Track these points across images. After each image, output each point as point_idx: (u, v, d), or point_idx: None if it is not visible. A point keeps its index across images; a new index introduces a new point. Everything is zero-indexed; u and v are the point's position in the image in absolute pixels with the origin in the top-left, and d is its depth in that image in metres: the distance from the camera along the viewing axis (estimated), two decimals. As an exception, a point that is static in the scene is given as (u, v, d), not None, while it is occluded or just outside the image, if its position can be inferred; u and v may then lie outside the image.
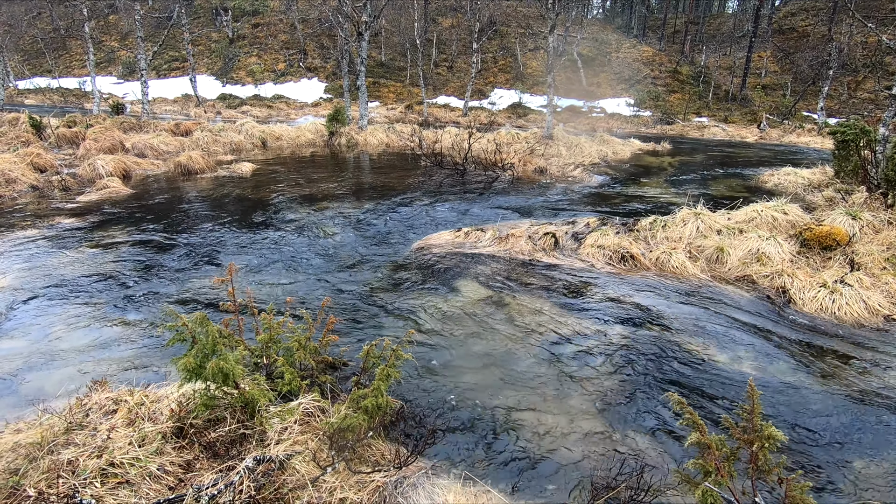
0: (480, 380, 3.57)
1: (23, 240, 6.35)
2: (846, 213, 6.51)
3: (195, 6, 38.96)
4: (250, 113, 24.56)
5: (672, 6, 42.12)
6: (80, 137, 12.33)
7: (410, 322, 4.40)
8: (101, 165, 10.06)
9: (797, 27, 33.92)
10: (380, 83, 32.08)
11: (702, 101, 28.96)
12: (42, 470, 2.24)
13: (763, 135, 22.42)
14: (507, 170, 11.25)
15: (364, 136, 15.96)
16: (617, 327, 4.41)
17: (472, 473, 2.63)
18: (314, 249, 6.26)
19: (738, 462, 2.24)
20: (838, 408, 3.37)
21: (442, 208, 8.35)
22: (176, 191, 9.46)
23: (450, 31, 37.31)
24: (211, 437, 2.54)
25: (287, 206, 8.19)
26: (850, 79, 27.65)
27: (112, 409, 2.72)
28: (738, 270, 5.65)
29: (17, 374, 3.53)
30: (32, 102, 25.27)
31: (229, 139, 14.20)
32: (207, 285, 5.07)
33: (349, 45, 18.98)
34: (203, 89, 28.71)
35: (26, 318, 4.32)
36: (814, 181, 10.26)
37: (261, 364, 3.29)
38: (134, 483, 2.23)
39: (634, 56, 33.81)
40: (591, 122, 24.79)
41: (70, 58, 36.19)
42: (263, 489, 2.24)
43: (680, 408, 2.28)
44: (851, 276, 5.10)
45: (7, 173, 8.89)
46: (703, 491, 2.05)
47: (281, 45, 35.62)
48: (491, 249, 6.29)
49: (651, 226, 6.55)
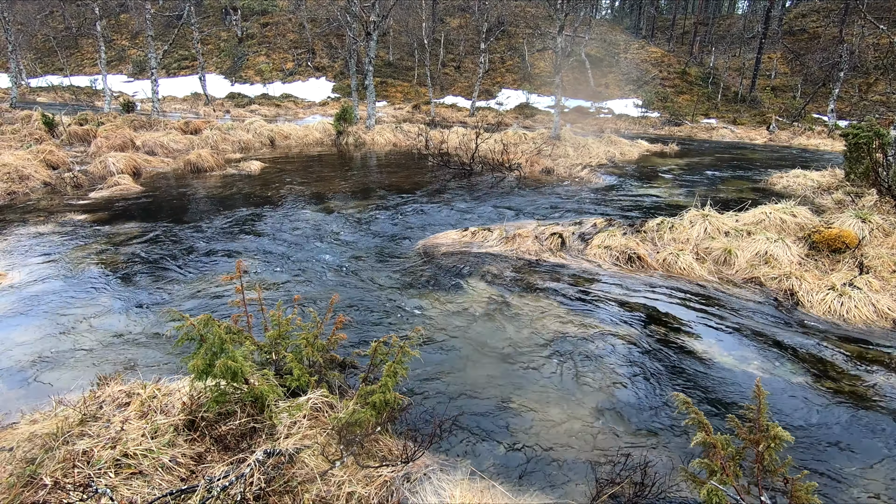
0: (486, 377, 3.59)
1: (36, 235, 6.45)
2: (856, 216, 6.46)
3: (205, 5, 39.28)
4: (259, 112, 24.70)
5: (681, 7, 41.91)
6: (91, 135, 12.48)
7: (417, 319, 4.43)
8: (111, 163, 10.18)
9: (808, 28, 33.64)
10: (387, 83, 32.17)
11: (710, 102, 28.80)
12: (58, 460, 2.29)
13: (772, 137, 22.26)
14: (514, 170, 11.26)
15: (371, 136, 16.02)
16: (623, 327, 4.41)
17: (478, 469, 2.65)
18: (322, 247, 6.30)
19: (744, 462, 2.25)
20: (845, 410, 3.36)
21: (449, 208, 8.38)
22: (185, 188, 9.55)
23: (458, 31, 37.35)
24: (222, 430, 2.59)
25: (295, 205, 8.25)
26: (862, 81, 27.39)
27: (125, 402, 2.77)
28: (746, 272, 5.63)
29: (31, 366, 3.60)
30: (44, 100, 25.54)
31: (238, 138, 14.31)
32: (216, 282, 5.13)
33: (357, 45, 19.06)
34: (212, 88, 28.94)
35: (40, 312, 4.40)
36: (823, 184, 10.18)
37: (270, 360, 3.34)
38: (147, 474, 2.27)
39: (643, 57, 33.68)
40: (599, 122, 24.72)
41: (81, 56, 36.60)
42: (273, 482, 2.28)
43: (685, 407, 2.29)
44: (860, 279, 5.07)
45: (21, 170, 9.02)
46: (708, 489, 2.06)
47: (289, 44, 35.81)
48: (498, 249, 6.31)
49: (658, 227, 6.54)
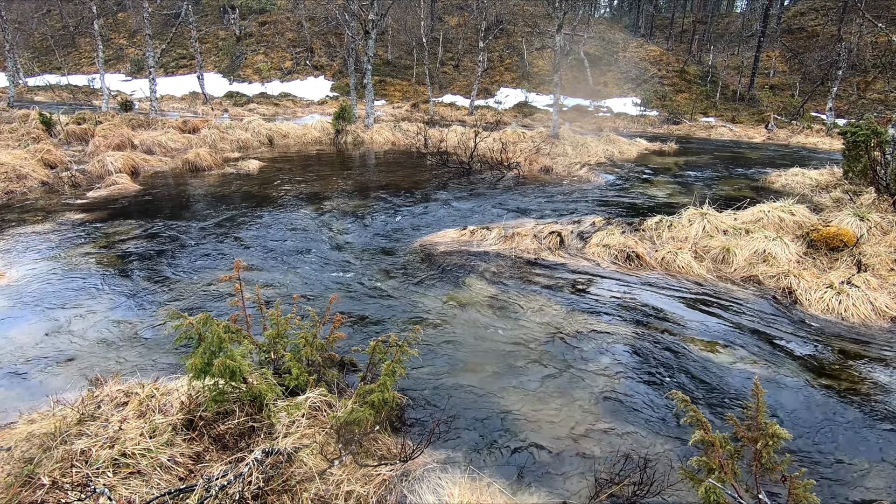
0: (485, 376, 3.59)
1: (34, 234, 6.43)
2: (854, 214, 6.47)
3: (203, 4, 39.18)
4: (257, 111, 24.64)
5: (680, 5, 41.87)
6: (89, 134, 12.45)
7: (416, 318, 4.43)
8: (109, 162, 10.15)
9: (806, 27, 33.64)
10: (386, 81, 32.12)
11: (709, 100, 28.79)
12: (56, 459, 2.28)
13: (771, 135, 22.27)
14: (512, 169, 11.26)
15: (370, 135, 16.00)
16: (621, 325, 4.42)
17: (476, 467, 2.66)
18: (320, 246, 6.30)
19: (743, 460, 2.26)
20: (844, 409, 3.37)
21: (447, 206, 8.37)
22: (183, 187, 9.54)
23: (456, 29, 37.29)
24: (220, 429, 2.58)
25: (293, 204, 8.24)
26: (860, 79, 27.40)
27: (123, 402, 2.76)
28: (745, 271, 5.64)
29: (29, 366, 3.59)
30: (42, 99, 25.45)
31: (236, 137, 14.28)
32: (215, 281, 5.12)
33: (356, 44, 19.02)
34: (210, 87, 28.87)
35: (36, 311, 4.39)
36: (822, 182, 10.19)
37: (269, 359, 3.33)
38: (145, 473, 2.27)
39: (641, 55, 33.65)
40: (598, 121, 24.71)
41: (79, 55, 36.46)
42: (272, 481, 2.28)
43: (684, 406, 2.30)
44: (858, 277, 5.08)
45: (18, 169, 8.99)
46: (706, 488, 2.06)
47: (288, 43, 35.72)
48: (496, 248, 6.31)
49: (657, 225, 6.55)
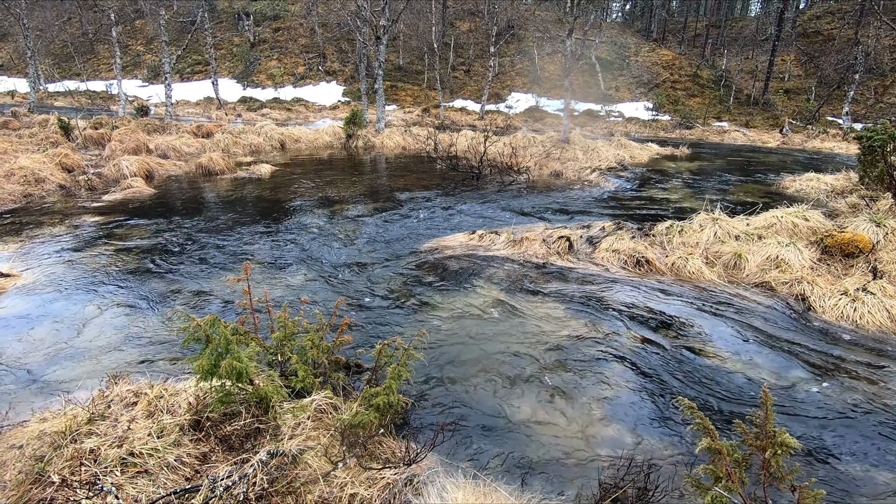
0: (490, 380, 3.58)
1: (51, 237, 6.57)
2: (870, 220, 6.35)
3: (218, 11, 39.81)
4: (270, 116, 24.96)
5: (693, 9, 41.63)
6: (106, 138, 12.70)
7: (423, 322, 4.43)
8: (125, 166, 10.34)
9: (822, 30, 33.20)
10: (397, 86, 32.33)
11: (722, 105, 28.52)
12: (65, 458, 2.32)
13: (785, 140, 21.98)
14: (522, 173, 11.24)
15: (381, 139, 16.10)
16: (630, 331, 4.38)
17: (480, 472, 2.64)
18: (329, 250, 6.34)
19: (750, 468, 2.22)
20: (858, 418, 3.30)
21: (456, 211, 8.38)
22: (197, 191, 9.67)
23: (467, 34, 37.44)
24: (226, 430, 2.61)
25: (304, 208, 8.31)
26: (878, 83, 26.95)
27: (132, 402, 2.80)
28: (757, 277, 5.56)
29: (43, 365, 3.66)
30: (61, 104, 26.04)
31: (249, 141, 14.47)
32: (225, 283, 5.18)
33: (367, 49, 19.19)
34: (224, 92, 29.32)
35: (52, 312, 4.47)
36: (837, 187, 10.02)
37: (275, 361, 3.36)
38: (152, 472, 2.30)
39: (653, 60, 33.47)
40: (609, 125, 24.61)
41: (98, 61, 37.28)
42: (276, 482, 2.29)
43: (690, 412, 2.26)
44: (874, 284, 4.98)
45: (37, 173, 9.20)
46: (712, 496, 2.03)
47: (301, 48, 36.16)
48: (505, 252, 6.30)
49: (667, 230, 6.49)
